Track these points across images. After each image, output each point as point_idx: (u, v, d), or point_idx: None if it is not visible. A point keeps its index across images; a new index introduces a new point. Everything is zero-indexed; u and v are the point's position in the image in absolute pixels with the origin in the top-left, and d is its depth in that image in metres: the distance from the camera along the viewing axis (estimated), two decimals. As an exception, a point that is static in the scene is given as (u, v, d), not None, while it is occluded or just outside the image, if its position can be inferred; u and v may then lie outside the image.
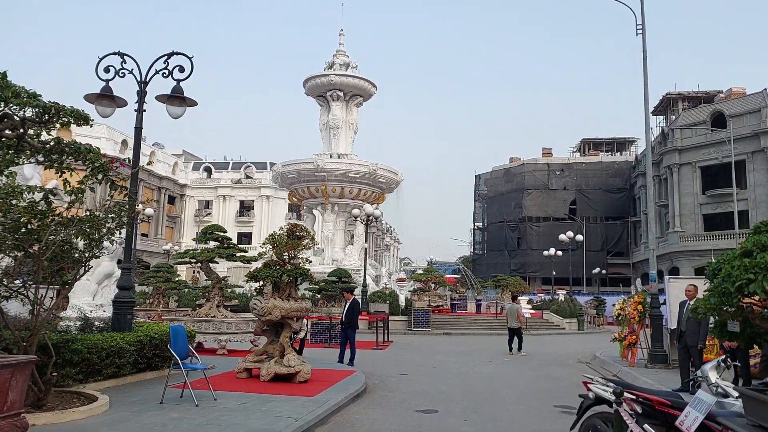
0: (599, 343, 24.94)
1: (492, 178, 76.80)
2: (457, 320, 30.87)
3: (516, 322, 18.97)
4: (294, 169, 38.41)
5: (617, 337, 16.94)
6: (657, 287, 15.02)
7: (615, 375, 14.10)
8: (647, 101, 15.51)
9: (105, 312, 10.34)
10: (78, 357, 7.94)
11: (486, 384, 11.96)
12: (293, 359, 9.83)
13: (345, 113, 41.42)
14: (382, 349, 19.24)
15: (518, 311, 19.44)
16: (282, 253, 10.16)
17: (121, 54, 10.33)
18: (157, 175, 64.32)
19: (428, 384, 11.62)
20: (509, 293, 35.94)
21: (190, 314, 15.13)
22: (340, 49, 42.29)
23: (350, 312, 14.14)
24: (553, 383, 12.52)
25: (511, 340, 18.95)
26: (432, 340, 24.08)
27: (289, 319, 10.16)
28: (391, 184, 40.31)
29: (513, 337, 18.93)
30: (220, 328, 14.38)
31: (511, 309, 19.67)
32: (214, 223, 18.98)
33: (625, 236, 67.95)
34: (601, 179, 68.75)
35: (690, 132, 52.62)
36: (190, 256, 15.15)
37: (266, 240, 10.48)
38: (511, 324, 19.08)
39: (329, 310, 22.04)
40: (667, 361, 14.32)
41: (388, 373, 13.15)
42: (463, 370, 14.15)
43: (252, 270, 10.50)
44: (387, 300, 27.52)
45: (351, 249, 38.75)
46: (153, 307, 20.83)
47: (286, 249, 10.04)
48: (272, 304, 9.92)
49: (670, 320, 14.34)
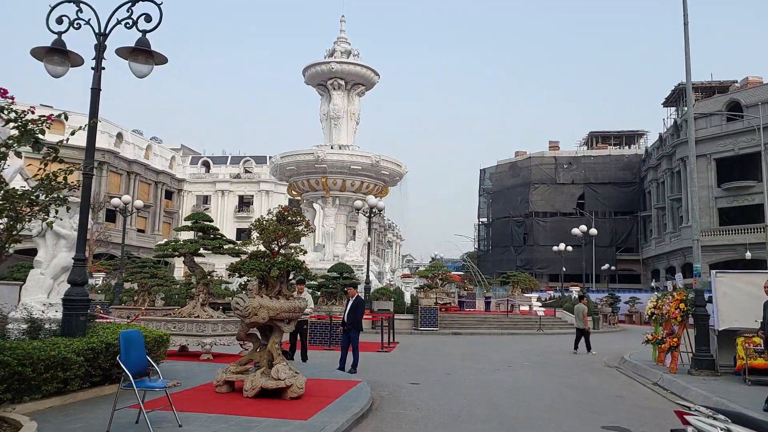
0: (619, 343, 23.22)
1: (497, 172, 75.00)
2: (465, 319, 29.08)
3: (581, 323, 19.12)
4: (293, 160, 36.62)
5: (651, 339, 15.17)
6: (702, 282, 13.21)
7: (656, 383, 12.33)
8: (689, 62, 13.68)
9: (57, 312, 8.58)
10: (5, 371, 6.19)
11: (512, 396, 10.19)
12: (283, 370, 8.07)
13: (346, 102, 39.62)
14: (387, 351, 17.50)
15: (584, 312, 19.40)
16: (271, 241, 8.38)
17: (76, 1, 8.55)
18: (154, 170, 62.59)
19: (445, 397, 9.85)
20: (519, 290, 34.15)
21: (171, 314, 13.38)
22: (341, 36, 40.47)
23: (353, 311, 12.39)
24: (588, 394, 10.74)
25: (577, 340, 19.15)
26: (440, 341, 22.32)
27: (280, 321, 8.40)
28: (395, 177, 38.51)
29: (580, 337, 19.12)
30: (204, 329, 12.62)
31: (578, 309, 19.77)
32: (199, 212, 17.21)
33: (635, 231, 66.12)
34: (610, 173, 66.86)
35: (704, 122, 50.70)
36: (171, 248, 13.38)
37: (252, 225, 8.70)
38: (577, 324, 19.44)
39: (329, 308, 20.28)
40: (714, 367, 12.54)
41: (397, 381, 11.39)
42: (481, 378, 12.38)
43: (235, 262, 8.74)
44: (392, 297, 25.75)
45: (353, 244, 36.98)
46: (137, 306, 19.13)
47: (276, 236, 8.26)
48: (258, 304, 8.16)
49: (717, 320, 12.60)
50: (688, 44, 14.11)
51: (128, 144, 59.38)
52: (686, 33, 14.21)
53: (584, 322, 19.13)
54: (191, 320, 12.75)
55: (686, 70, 14.33)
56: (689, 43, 14.21)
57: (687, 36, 14.13)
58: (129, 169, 58.72)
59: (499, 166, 75.12)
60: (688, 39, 14.16)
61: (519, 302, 32.41)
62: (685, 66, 14.28)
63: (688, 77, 14.41)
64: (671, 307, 13.24)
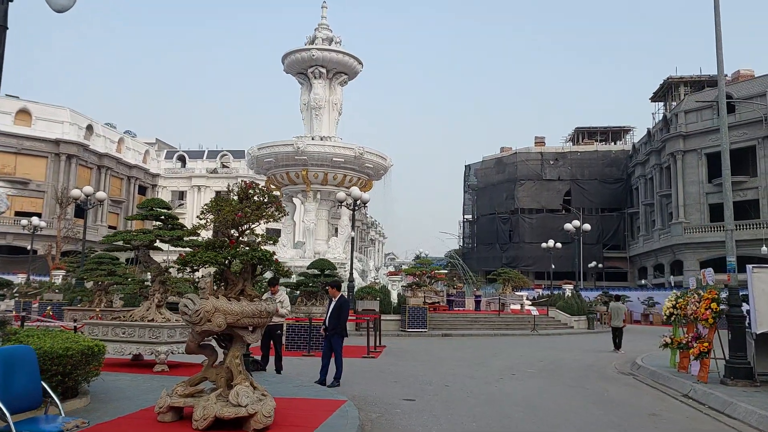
0: (623, 345, 21.58)
1: (483, 168, 73.52)
2: (456, 319, 27.33)
3: (619, 321, 19.85)
4: (271, 152, 34.45)
5: (670, 343, 13.52)
6: (736, 279, 11.55)
7: (687, 395, 10.64)
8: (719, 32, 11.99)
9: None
10: None
11: (531, 417, 8.40)
12: (245, 393, 6.17)
13: (328, 92, 37.58)
14: (374, 356, 15.65)
15: (625, 311, 20.91)
16: (229, 225, 6.48)
17: None
18: (127, 164, 60.07)
19: (450, 419, 8.03)
20: (510, 288, 32.50)
21: (121, 317, 11.37)
22: (322, 23, 38.40)
23: (336, 314, 10.53)
24: (617, 413, 8.99)
25: (615, 338, 19.74)
26: (431, 344, 20.53)
27: (241, 328, 6.50)
28: (379, 170, 36.56)
29: (617, 335, 19.74)
30: (159, 335, 10.65)
31: (618, 308, 20.33)
32: (154, 197, 15.21)
33: (621, 229, 65.08)
34: (596, 169, 65.73)
35: (695, 116, 49.66)
36: (122, 239, 11.37)
37: (204, 208, 6.79)
38: (615, 324, 19.97)
39: (309, 309, 18.36)
40: (752, 375, 10.88)
41: (389, 397, 9.54)
42: (486, 391, 10.58)
43: (185, 253, 6.82)
44: (377, 297, 23.87)
45: (335, 241, 34.99)
46: (93, 307, 17.04)
47: (236, 218, 6.36)
48: (212, 306, 6.25)
49: (754, 322, 10.96)
50: (718, 21, 12.41)
51: (99, 137, 56.79)
52: (717, 13, 12.54)
53: (623, 321, 20.22)
54: (144, 325, 10.77)
55: (717, 46, 12.65)
56: (720, 23, 12.53)
57: (718, 16, 12.46)
58: (100, 163, 56.14)
59: (485, 162, 73.67)
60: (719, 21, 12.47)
61: (510, 301, 30.77)
62: (716, 44, 12.62)
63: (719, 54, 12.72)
64: (701, 307, 11.56)
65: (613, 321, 20.31)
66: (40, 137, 51.14)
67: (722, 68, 12.36)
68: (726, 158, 12.08)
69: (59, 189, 48.44)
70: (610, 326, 21.95)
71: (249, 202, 6.70)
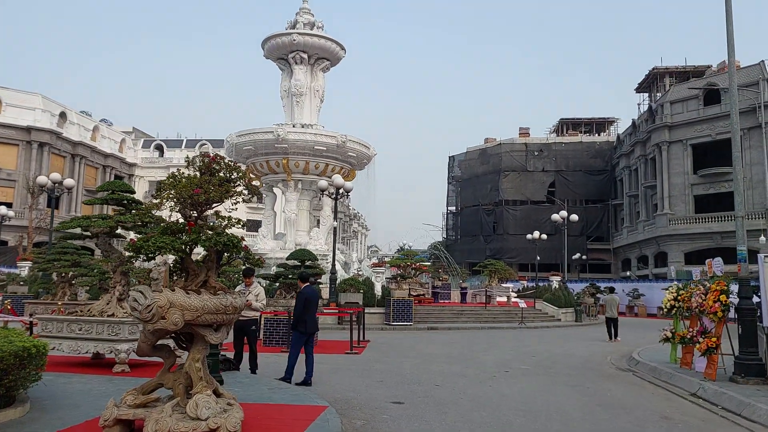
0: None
1: (467, 159, 72.75)
2: (441, 312, 26.48)
3: (614, 313, 20.56)
4: (250, 139, 33.25)
5: (671, 337, 12.79)
6: (746, 269, 10.78)
7: (695, 394, 9.87)
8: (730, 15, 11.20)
9: None
10: None
11: (531, 422, 7.52)
12: (206, 404, 5.19)
13: (309, 78, 36.41)
14: (357, 352, 14.72)
15: (618, 302, 21.53)
16: (187, 204, 5.47)
17: None
18: (102, 153, 58.23)
19: (443, 426, 7.12)
20: (497, 279, 31.76)
21: (78, 312, 10.28)
22: (304, 7, 37.13)
23: (300, 305, 9.56)
24: (626, 417, 8.16)
25: (609, 329, 20.25)
26: (417, 338, 19.65)
27: (203, 326, 5.51)
28: (363, 160, 35.55)
29: (611, 326, 20.25)
30: (118, 332, 9.60)
31: (612, 300, 21.15)
32: (115, 180, 14.08)
33: (605, 220, 64.76)
34: (581, 160, 65.28)
35: (681, 107, 49.28)
36: (79, 225, 10.25)
37: (162, 184, 5.76)
38: (610, 314, 20.62)
39: (288, 302, 17.34)
40: (764, 372, 10.14)
41: (375, 400, 8.61)
42: (480, 392, 9.69)
43: (137, 238, 5.81)
44: (361, 289, 22.91)
45: (317, 232, 33.95)
46: (56, 300, 15.87)
47: (193, 195, 5.35)
48: (167, 301, 5.25)
49: (767, 315, 10.21)
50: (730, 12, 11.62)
51: (73, 124, 54.90)
52: None
53: (616, 312, 20.82)
54: (103, 320, 9.71)
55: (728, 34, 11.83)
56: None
57: None
58: (73, 152, 54.29)
59: (469, 153, 72.91)
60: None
61: (496, 293, 30.03)
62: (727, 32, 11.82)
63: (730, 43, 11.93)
64: (708, 300, 10.79)
65: (608, 312, 21.02)
66: (11, 124, 49.22)
67: (733, 51, 11.61)
68: (736, 142, 11.34)
69: (31, 178, 46.67)
70: (604, 316, 23.00)
71: (213, 176, 5.69)
